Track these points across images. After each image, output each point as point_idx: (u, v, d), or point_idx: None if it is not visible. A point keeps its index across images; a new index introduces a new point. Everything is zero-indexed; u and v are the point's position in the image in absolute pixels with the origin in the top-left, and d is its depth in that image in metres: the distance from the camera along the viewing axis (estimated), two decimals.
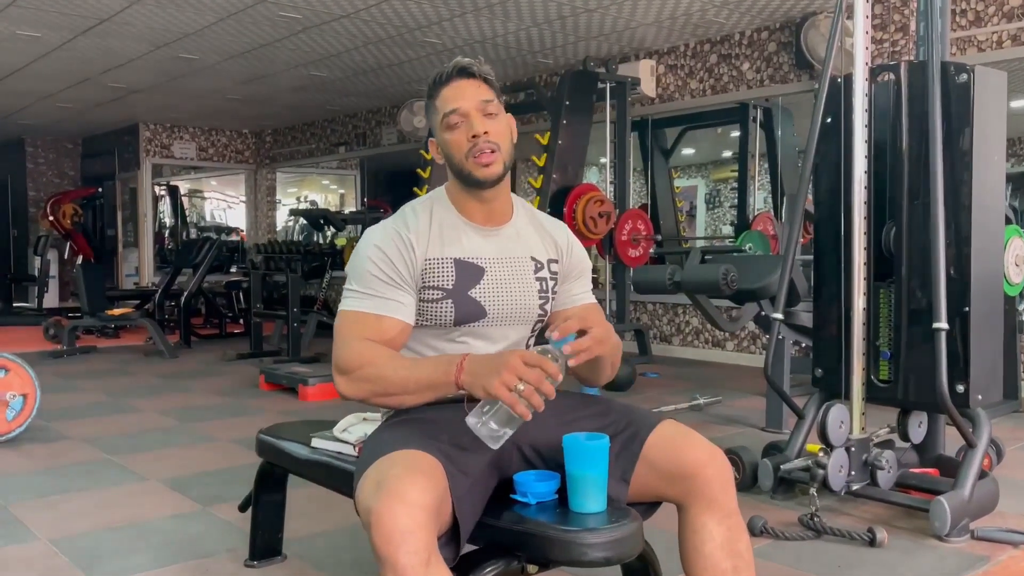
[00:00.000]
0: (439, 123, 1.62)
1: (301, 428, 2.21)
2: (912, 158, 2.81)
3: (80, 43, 6.54)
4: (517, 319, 1.68)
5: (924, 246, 2.76)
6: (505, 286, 1.66)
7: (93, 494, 3.11)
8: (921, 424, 2.99)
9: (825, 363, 3.03)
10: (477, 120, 1.58)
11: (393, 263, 1.59)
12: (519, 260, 1.69)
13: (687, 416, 4.44)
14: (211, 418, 4.47)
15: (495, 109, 1.61)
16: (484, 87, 1.61)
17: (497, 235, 1.68)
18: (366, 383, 1.53)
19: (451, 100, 1.60)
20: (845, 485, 2.74)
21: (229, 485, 3.16)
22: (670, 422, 1.59)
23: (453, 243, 1.64)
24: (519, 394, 1.37)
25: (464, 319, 1.63)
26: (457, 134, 1.60)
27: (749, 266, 3.72)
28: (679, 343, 6.87)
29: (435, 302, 1.62)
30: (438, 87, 1.62)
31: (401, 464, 1.36)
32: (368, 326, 1.56)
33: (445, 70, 1.62)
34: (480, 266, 1.64)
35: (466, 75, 1.61)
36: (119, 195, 11.67)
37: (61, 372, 5.99)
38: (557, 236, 1.76)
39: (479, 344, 1.65)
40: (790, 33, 5.99)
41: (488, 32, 6.26)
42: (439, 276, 1.61)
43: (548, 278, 1.71)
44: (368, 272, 1.59)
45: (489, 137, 1.58)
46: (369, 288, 1.58)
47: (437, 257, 1.62)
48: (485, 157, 1.58)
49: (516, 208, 1.74)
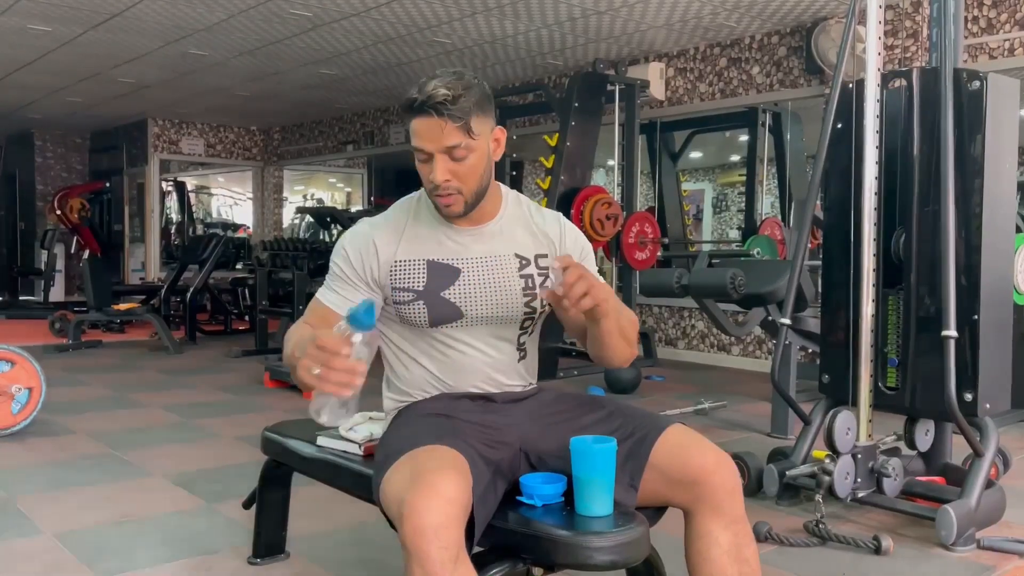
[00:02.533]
0: (413, 148, 1.59)
1: (307, 426, 2.20)
2: (923, 165, 2.80)
3: (90, 38, 6.55)
4: (499, 318, 1.67)
5: (934, 253, 2.75)
6: (483, 286, 1.65)
7: (98, 489, 3.12)
8: (928, 432, 2.97)
9: (832, 369, 3.02)
10: (440, 165, 1.54)
11: (352, 264, 1.65)
12: (500, 258, 1.67)
13: (692, 421, 4.43)
14: (215, 415, 4.47)
15: (463, 152, 1.54)
16: (451, 129, 1.51)
17: (478, 234, 1.68)
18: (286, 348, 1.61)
19: (417, 136, 1.55)
20: (851, 492, 2.73)
21: (233, 482, 3.16)
22: (678, 427, 1.58)
23: (428, 245, 1.66)
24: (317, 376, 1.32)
25: (440, 320, 1.65)
26: (423, 168, 1.58)
27: (757, 271, 3.71)
28: (684, 347, 6.85)
29: (407, 303, 1.64)
30: (409, 113, 1.55)
31: (437, 458, 1.38)
32: (316, 313, 1.67)
33: (414, 100, 1.52)
34: (455, 267, 1.65)
35: (433, 115, 1.51)
36: (126, 190, 11.69)
37: (66, 366, 6.00)
38: (549, 227, 1.74)
39: (465, 342, 1.67)
40: (800, 38, 5.97)
41: (498, 32, 6.26)
42: (409, 278, 1.64)
43: (535, 274, 1.69)
44: (332, 267, 1.69)
45: (450, 183, 1.56)
46: (330, 282, 1.69)
47: (407, 259, 1.65)
48: (444, 199, 1.58)
49: (505, 204, 1.72)
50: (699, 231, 12.28)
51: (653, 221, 6.29)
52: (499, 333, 1.69)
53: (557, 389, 1.81)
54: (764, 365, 6.20)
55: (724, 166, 12.54)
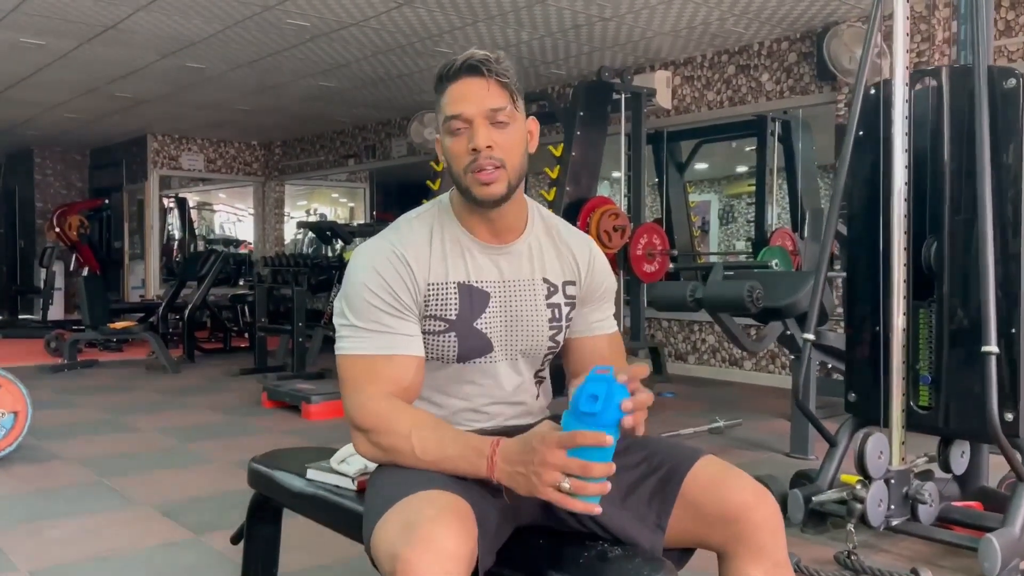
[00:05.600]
0: (441, 124, 1.40)
1: (297, 456, 2.03)
2: (954, 168, 2.63)
3: (86, 51, 6.43)
4: (526, 353, 1.48)
5: (967, 263, 2.58)
6: (512, 314, 1.45)
7: (81, 520, 2.94)
8: (964, 454, 2.79)
9: (859, 387, 2.84)
10: (481, 130, 1.34)
11: (394, 290, 1.37)
12: (528, 283, 1.47)
13: (707, 440, 4.24)
14: (210, 438, 4.30)
15: (507, 117, 1.36)
16: (496, 89, 1.36)
17: (505, 253, 1.46)
18: (385, 453, 1.34)
19: (455, 102, 1.36)
20: (884, 520, 2.55)
21: (224, 511, 2.99)
22: (710, 458, 1.40)
23: (457, 263, 1.43)
24: (568, 492, 1.16)
25: (468, 354, 1.43)
26: (457, 142, 1.37)
27: (774, 283, 3.53)
28: (695, 361, 6.67)
29: (437, 335, 1.42)
30: (444, 82, 1.38)
31: (435, 505, 1.18)
32: (379, 373, 1.35)
33: (453, 63, 1.37)
34: (485, 291, 1.43)
35: (476, 73, 1.36)
36: (126, 207, 11.58)
37: (60, 387, 5.83)
38: (578, 252, 1.53)
39: (486, 377, 1.45)
40: (811, 43, 5.82)
41: (501, 41, 6.12)
42: (442, 304, 1.41)
43: (562, 303, 1.50)
44: (366, 302, 1.36)
45: (492, 152, 1.35)
46: (372, 323, 1.36)
47: (440, 282, 1.41)
48: (486, 175, 1.35)
49: (531, 219, 1.50)
50: (706, 243, 12.14)
51: (662, 232, 6.12)
52: (520, 368, 1.49)
53: None
54: (777, 380, 6.01)
55: (730, 177, 12.40)
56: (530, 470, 1.18)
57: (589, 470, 1.15)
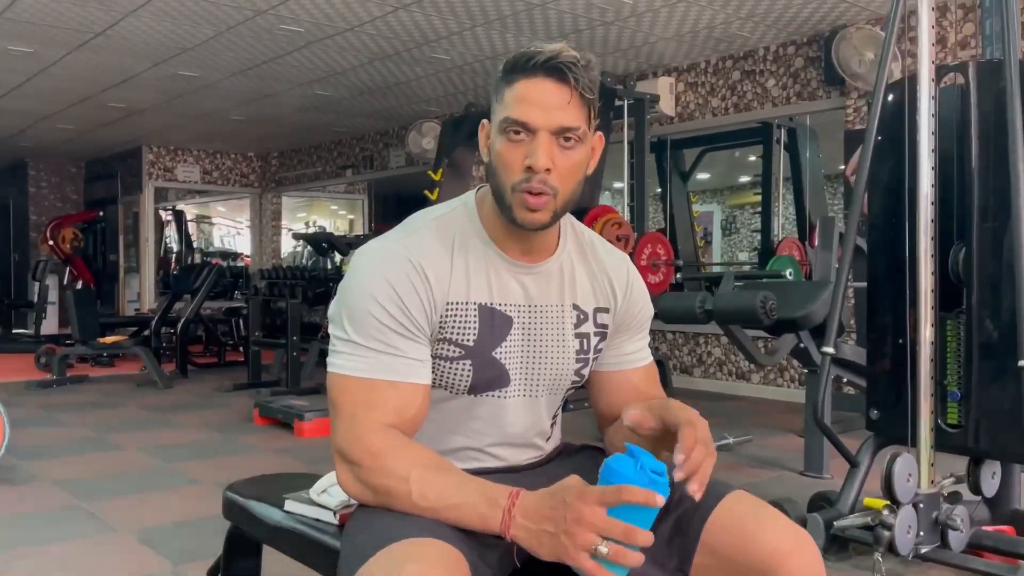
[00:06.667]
0: (499, 118, 1.17)
1: (278, 483, 1.84)
2: (983, 170, 2.47)
3: (75, 59, 6.29)
4: (547, 388, 1.28)
5: (998, 271, 2.41)
6: (535, 344, 1.26)
7: (54, 549, 2.76)
8: (995, 475, 2.61)
9: (881, 404, 2.67)
10: (544, 147, 1.13)
11: (406, 306, 1.16)
12: (556, 309, 1.27)
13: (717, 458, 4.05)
14: (197, 457, 4.11)
15: (575, 141, 1.15)
16: (577, 104, 1.14)
17: (533, 274, 1.26)
18: (375, 494, 1.13)
19: (524, 103, 1.13)
20: (913, 548, 2.37)
21: (206, 538, 2.80)
22: (739, 494, 1.22)
23: (479, 281, 1.22)
24: (605, 558, 0.97)
25: (483, 386, 1.23)
26: (513, 151, 1.15)
27: (788, 293, 3.36)
28: (701, 375, 6.49)
29: (450, 361, 1.21)
30: (516, 74, 1.15)
31: (420, 558, 1.01)
32: (379, 400, 1.14)
33: (535, 56, 1.13)
34: (508, 315, 1.23)
35: (558, 78, 1.13)
36: (122, 219, 11.42)
37: (47, 404, 5.65)
38: (615, 274, 1.33)
39: (497, 411, 1.25)
40: (818, 47, 5.66)
41: (500, 47, 5.97)
42: (460, 327, 1.20)
43: (592, 333, 1.30)
44: (372, 317, 1.15)
45: (549, 178, 1.14)
46: (377, 341, 1.15)
47: (460, 301, 1.20)
48: (534, 200, 1.14)
49: (563, 235, 1.29)
50: (709, 254, 11.98)
51: (666, 242, 5.95)
52: (537, 406, 1.29)
53: (580, 443, 1.45)
54: (786, 393, 5.83)
55: (733, 187, 12.26)
56: (560, 528, 0.99)
57: (633, 536, 0.96)
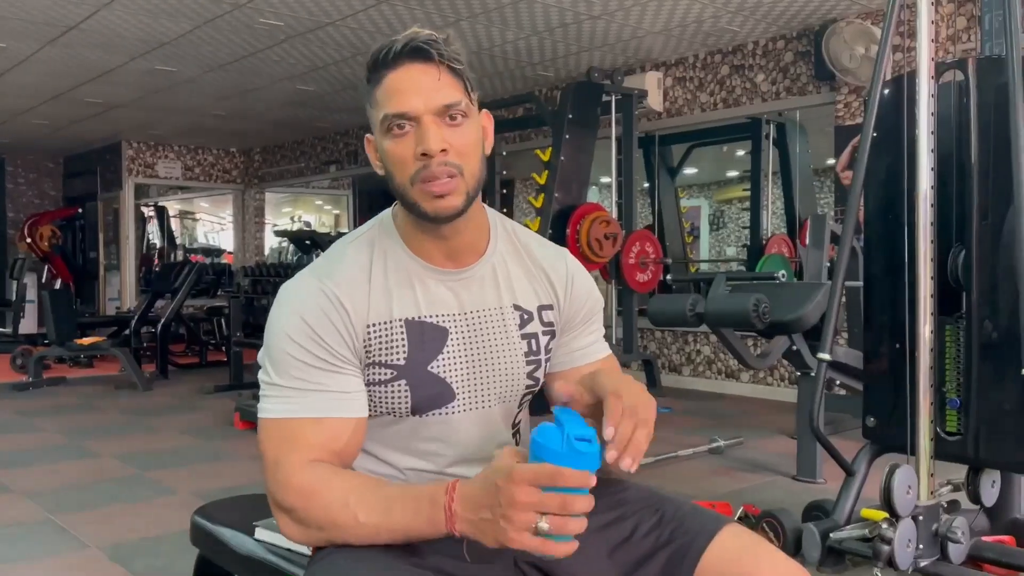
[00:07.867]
0: (378, 124, 1.10)
1: (251, 505, 1.73)
2: (983, 169, 2.38)
3: (48, 54, 6.13)
4: (498, 397, 1.19)
5: (999, 273, 2.33)
6: (478, 352, 1.17)
7: (17, 569, 2.64)
8: (994, 483, 2.53)
9: (878, 411, 2.59)
10: (432, 130, 1.07)
11: (323, 339, 1.09)
12: (496, 312, 1.19)
13: (707, 461, 3.98)
14: (175, 464, 4.00)
15: (461, 116, 1.09)
16: (449, 79, 1.09)
17: (464, 279, 1.18)
18: (319, 530, 1.05)
19: (397, 95, 1.08)
20: (913, 562, 2.29)
21: (179, 554, 2.69)
22: (733, 528, 1.13)
23: (402, 295, 1.14)
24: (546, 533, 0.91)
25: (426, 405, 1.14)
26: (401, 146, 1.08)
27: (780, 295, 3.28)
28: (690, 373, 6.41)
29: (383, 384, 1.13)
30: (380, 70, 1.10)
31: None
32: (302, 439, 1.07)
33: (392, 45, 1.09)
34: (442, 327, 1.15)
35: (423, 58, 1.08)
36: (102, 216, 11.23)
37: (21, 408, 5.51)
38: (552, 270, 1.25)
39: (449, 431, 1.16)
40: (808, 42, 5.58)
41: (485, 42, 5.86)
42: (387, 348, 1.13)
43: (540, 333, 1.22)
44: (289, 356, 1.08)
45: (447, 157, 1.07)
46: (297, 380, 1.08)
47: (382, 321, 1.12)
48: (439, 185, 1.07)
49: (494, 235, 1.23)
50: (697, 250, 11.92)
51: (655, 240, 5.88)
52: (492, 417, 1.20)
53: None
54: (776, 392, 5.77)
55: (721, 182, 12.18)
56: (497, 514, 0.93)
57: (570, 505, 0.91)
